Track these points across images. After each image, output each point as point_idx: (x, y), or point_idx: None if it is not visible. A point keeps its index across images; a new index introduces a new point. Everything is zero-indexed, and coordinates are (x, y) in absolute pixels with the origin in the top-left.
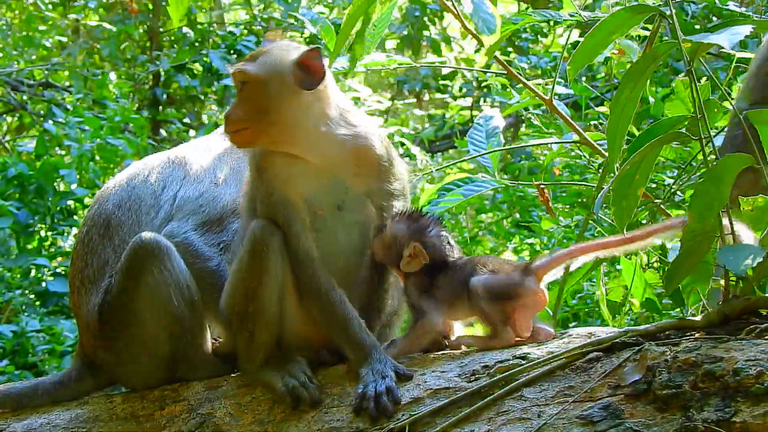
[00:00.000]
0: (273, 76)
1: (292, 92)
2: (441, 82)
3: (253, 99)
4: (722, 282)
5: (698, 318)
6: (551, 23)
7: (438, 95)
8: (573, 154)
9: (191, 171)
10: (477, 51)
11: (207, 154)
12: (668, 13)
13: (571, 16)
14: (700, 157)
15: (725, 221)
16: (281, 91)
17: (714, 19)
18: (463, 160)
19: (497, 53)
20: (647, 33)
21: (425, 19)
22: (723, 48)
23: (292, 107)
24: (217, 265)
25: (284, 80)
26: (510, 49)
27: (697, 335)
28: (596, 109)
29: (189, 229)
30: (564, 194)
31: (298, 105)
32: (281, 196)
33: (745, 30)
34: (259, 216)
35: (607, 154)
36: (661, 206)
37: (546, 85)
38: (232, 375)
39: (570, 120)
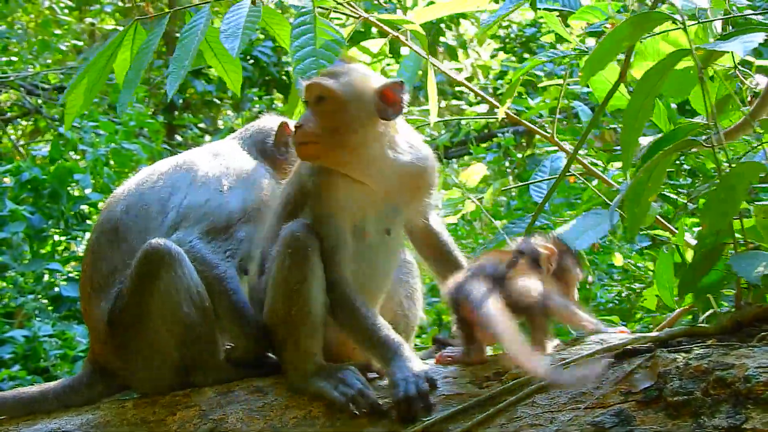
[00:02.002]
0: (355, 99)
1: (370, 118)
2: (457, 88)
3: (329, 116)
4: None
5: (710, 325)
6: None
7: (454, 101)
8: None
9: (197, 177)
10: (493, 56)
11: (215, 161)
12: (680, 20)
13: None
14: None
15: None
16: (360, 115)
17: (729, 27)
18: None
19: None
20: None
21: (441, 25)
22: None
23: (367, 132)
24: (224, 272)
25: (365, 106)
26: (526, 55)
27: (708, 342)
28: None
29: (195, 237)
30: (579, 201)
31: (373, 131)
32: (329, 212)
33: (759, 38)
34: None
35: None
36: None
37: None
38: (244, 380)
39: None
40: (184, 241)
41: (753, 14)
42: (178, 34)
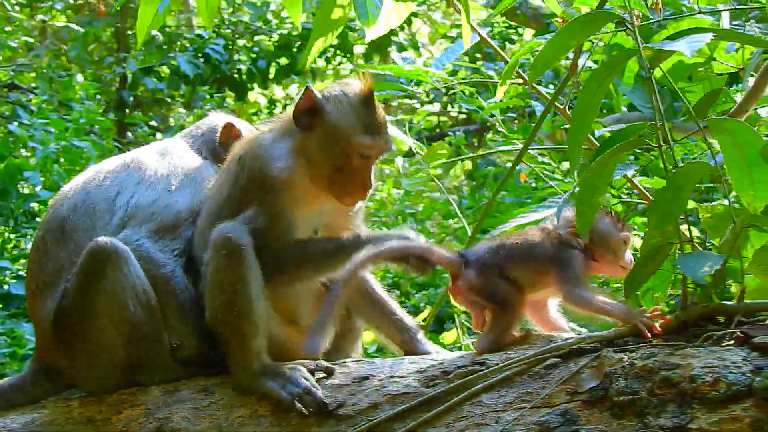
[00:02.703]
0: None
1: None
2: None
3: None
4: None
5: (656, 324)
6: (518, 30)
7: (406, 101)
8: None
9: (146, 176)
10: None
11: (163, 160)
12: (629, 20)
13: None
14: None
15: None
16: None
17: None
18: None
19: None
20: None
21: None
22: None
23: None
24: (172, 271)
25: None
26: (478, 55)
27: (654, 342)
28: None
29: (142, 236)
30: (529, 201)
31: None
32: (286, 212)
33: (706, 38)
34: (241, 220)
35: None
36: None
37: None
38: (191, 379)
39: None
40: (131, 240)
41: (701, 13)
42: (130, 32)
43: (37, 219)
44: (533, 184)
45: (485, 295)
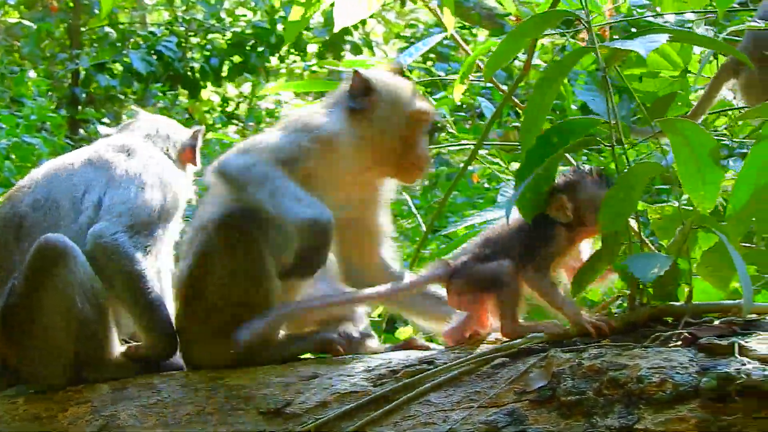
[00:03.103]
0: None
1: None
2: None
3: None
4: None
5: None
6: (471, 30)
7: None
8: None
9: (116, 175)
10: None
11: (132, 159)
12: (584, 18)
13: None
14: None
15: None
16: None
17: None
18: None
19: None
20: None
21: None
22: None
23: None
24: (144, 268)
25: None
26: (432, 54)
27: (602, 342)
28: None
29: (119, 230)
30: (481, 201)
31: None
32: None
33: (662, 38)
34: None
35: None
36: None
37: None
38: (138, 377)
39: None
40: (107, 233)
41: (652, 17)
42: (83, 28)
43: None
44: (486, 185)
45: (477, 289)
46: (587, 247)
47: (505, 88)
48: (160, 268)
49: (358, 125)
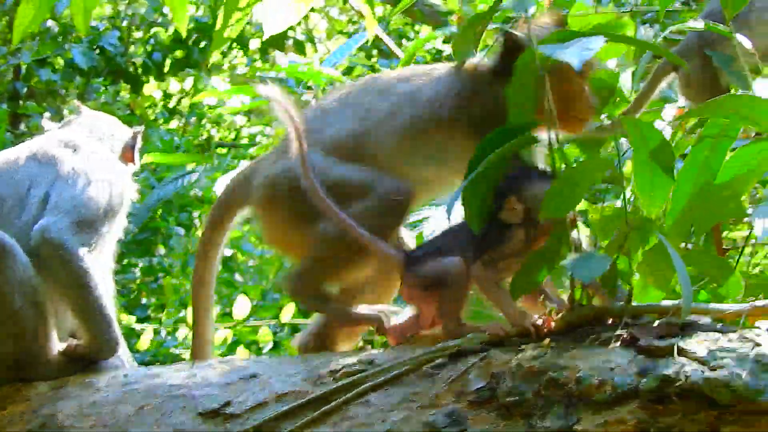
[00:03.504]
0: None
1: None
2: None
3: None
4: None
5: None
6: (414, 27)
7: (304, 98)
8: None
9: (63, 172)
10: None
11: (77, 155)
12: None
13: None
14: None
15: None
16: None
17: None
18: None
19: None
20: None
21: None
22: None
23: None
24: (90, 266)
25: None
26: (375, 51)
27: (542, 343)
28: None
29: (65, 226)
30: None
31: None
32: None
33: (597, 44)
34: None
35: None
36: None
37: None
38: (77, 375)
39: None
40: (54, 228)
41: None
42: None
43: None
44: None
45: (427, 285)
46: None
47: None
48: (104, 266)
49: None
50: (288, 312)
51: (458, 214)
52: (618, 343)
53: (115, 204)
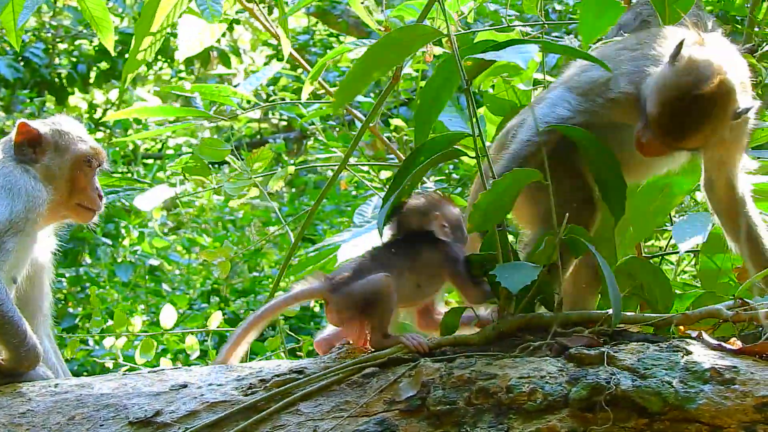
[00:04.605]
0: None
1: None
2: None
3: None
4: None
5: (473, 335)
6: (339, 38)
7: (227, 107)
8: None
9: None
10: (266, 63)
11: None
12: (448, 34)
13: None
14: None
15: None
16: None
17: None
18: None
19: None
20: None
21: None
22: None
23: None
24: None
25: None
26: (297, 62)
27: (472, 352)
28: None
29: None
30: (349, 209)
31: None
32: None
33: (534, 49)
34: None
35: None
36: None
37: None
38: (8, 386)
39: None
40: None
41: (521, 26)
42: None
43: None
44: (353, 192)
45: (356, 307)
46: None
47: (367, 100)
48: (15, 280)
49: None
50: (215, 320)
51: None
52: (548, 352)
53: (17, 218)
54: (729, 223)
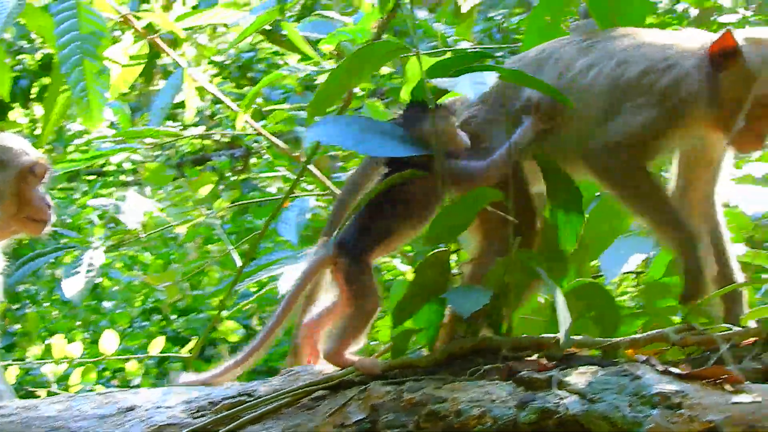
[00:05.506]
0: None
1: None
2: (172, 110)
3: None
4: None
5: (423, 357)
6: (283, 55)
7: (169, 123)
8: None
9: None
10: (210, 81)
11: None
12: (414, 52)
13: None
14: None
15: None
16: None
17: None
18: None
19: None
20: None
21: None
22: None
23: None
24: None
25: None
26: (242, 80)
27: (422, 375)
28: None
29: None
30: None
31: None
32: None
33: (492, 78)
34: None
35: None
36: None
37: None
38: None
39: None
40: None
41: (474, 49)
42: None
43: None
44: None
45: (348, 282)
46: None
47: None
48: None
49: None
50: (156, 346)
51: None
52: (498, 376)
53: None
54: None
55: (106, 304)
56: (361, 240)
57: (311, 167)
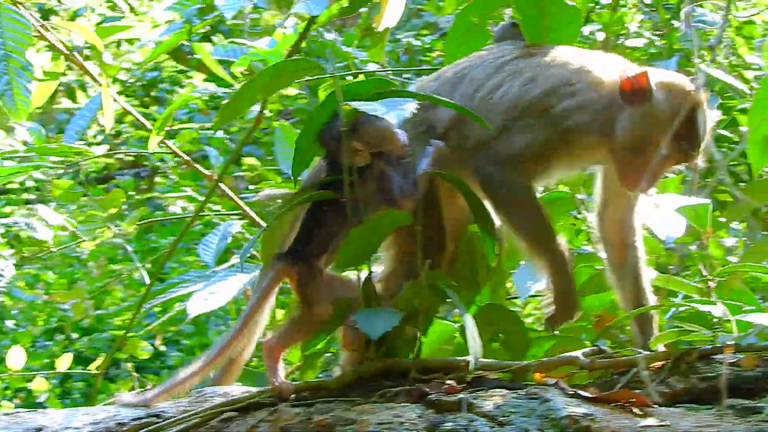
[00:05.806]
0: None
1: None
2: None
3: None
4: None
5: (331, 379)
6: (188, 74)
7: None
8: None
9: None
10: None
11: None
12: (330, 69)
13: None
14: None
15: None
16: None
17: None
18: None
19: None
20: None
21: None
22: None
23: None
24: None
25: None
26: (146, 99)
27: (331, 397)
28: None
29: None
30: (197, 247)
31: None
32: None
33: (412, 106)
34: None
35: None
36: None
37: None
38: None
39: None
40: None
41: (395, 70)
42: None
43: None
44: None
45: (302, 285)
46: None
47: (222, 136)
48: None
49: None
50: (64, 362)
51: None
52: (407, 398)
53: None
54: (616, 255)
55: (8, 323)
56: (310, 246)
57: (222, 185)
